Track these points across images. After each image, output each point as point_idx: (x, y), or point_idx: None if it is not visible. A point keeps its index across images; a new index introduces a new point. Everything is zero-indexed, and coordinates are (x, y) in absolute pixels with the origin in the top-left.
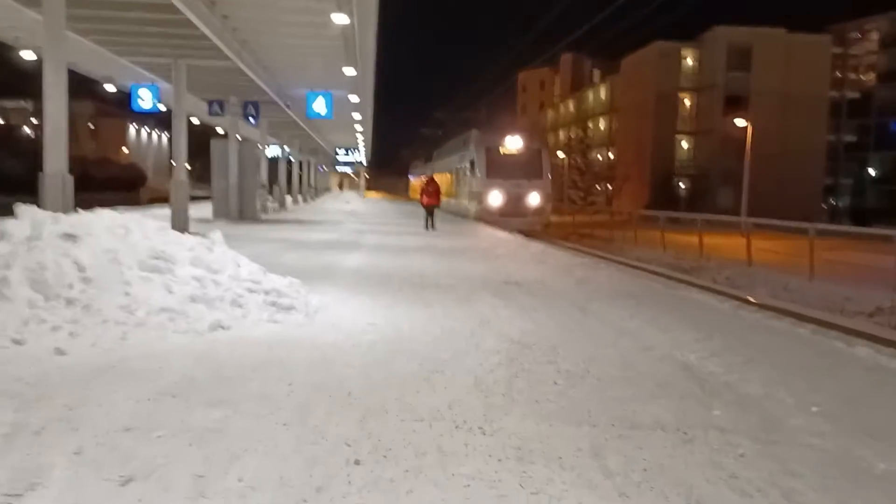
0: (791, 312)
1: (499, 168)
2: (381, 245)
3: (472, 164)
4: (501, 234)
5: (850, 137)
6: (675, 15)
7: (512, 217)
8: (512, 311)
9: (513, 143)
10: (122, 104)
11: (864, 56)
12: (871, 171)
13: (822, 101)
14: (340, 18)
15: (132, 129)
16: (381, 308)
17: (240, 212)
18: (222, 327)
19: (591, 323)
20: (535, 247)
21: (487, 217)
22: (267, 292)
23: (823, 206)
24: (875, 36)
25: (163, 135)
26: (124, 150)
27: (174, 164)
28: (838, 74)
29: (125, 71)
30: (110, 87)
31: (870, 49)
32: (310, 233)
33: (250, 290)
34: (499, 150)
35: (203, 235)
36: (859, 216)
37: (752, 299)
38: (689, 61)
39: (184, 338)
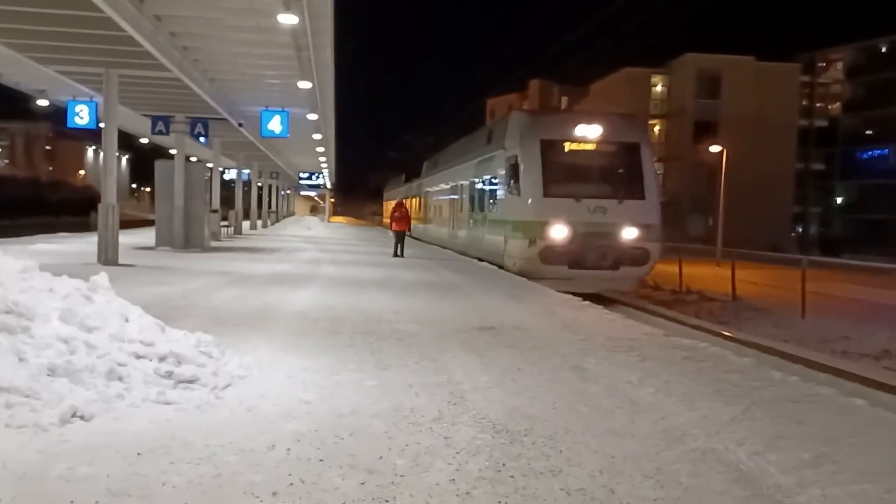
0: (824, 365)
1: (565, 178)
2: (338, 278)
3: (512, 171)
4: (486, 266)
5: (818, 165)
6: (645, 41)
7: (589, 270)
8: (491, 374)
9: (592, 133)
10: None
11: (831, 85)
12: (838, 200)
13: (790, 129)
14: (289, 19)
15: (90, 150)
16: (320, 375)
17: (185, 239)
18: (81, 417)
19: (594, 393)
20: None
21: (541, 269)
22: (161, 358)
23: (792, 234)
24: (840, 66)
25: (122, 157)
26: (81, 172)
27: (104, 184)
28: (806, 103)
29: (60, 85)
30: (43, 103)
31: (836, 78)
32: (259, 263)
33: (138, 356)
34: (563, 147)
35: (85, 279)
36: (828, 245)
37: (762, 342)
38: (659, 88)
39: (16, 438)
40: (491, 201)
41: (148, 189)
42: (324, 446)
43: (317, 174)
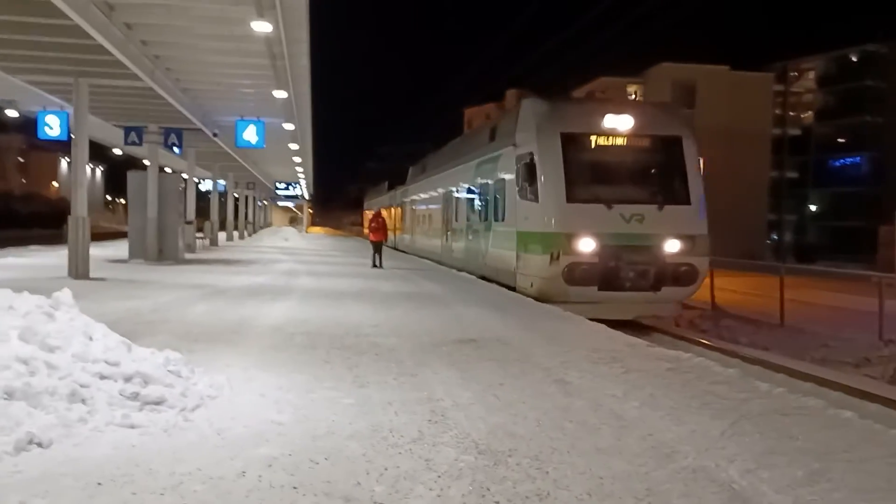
0: (808, 375)
1: (593, 180)
2: (315, 290)
3: (526, 172)
4: (465, 277)
5: (792, 174)
6: (621, 51)
7: (624, 291)
8: (473, 390)
9: (624, 125)
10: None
11: (804, 94)
12: (812, 208)
13: (764, 138)
14: (262, 27)
15: (64, 162)
16: (295, 393)
17: (159, 251)
18: (39, 444)
19: (579, 408)
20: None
21: (564, 291)
22: (127, 378)
23: (767, 241)
24: (812, 75)
25: (97, 168)
26: (54, 184)
27: (74, 196)
28: (779, 112)
29: (30, 95)
30: (13, 114)
31: (808, 87)
32: (234, 276)
33: (102, 376)
34: (590, 142)
35: (48, 295)
36: (803, 253)
37: (744, 352)
38: (634, 97)
39: None
40: (497, 209)
41: (123, 201)
42: (297, 472)
43: (294, 184)
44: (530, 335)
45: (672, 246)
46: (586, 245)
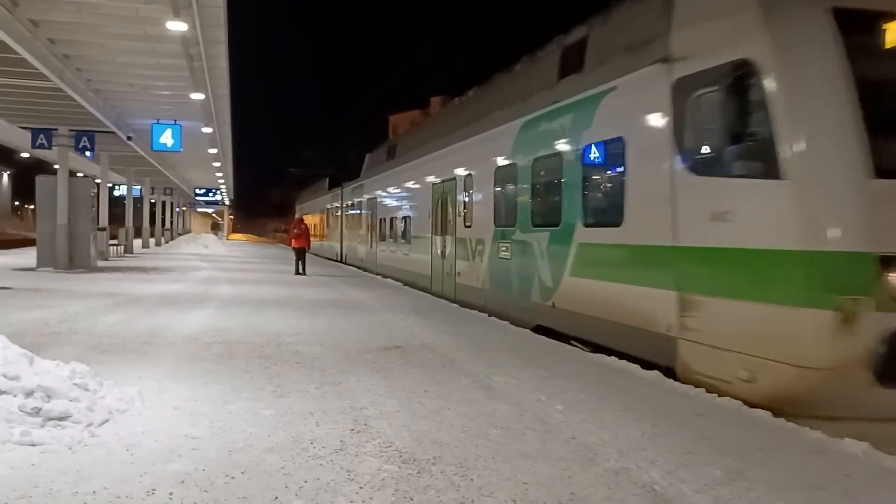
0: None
1: None
2: (235, 298)
3: (732, 106)
4: (391, 282)
5: None
6: None
7: None
8: (397, 398)
9: None
10: None
11: None
12: None
13: None
14: (178, 26)
15: None
16: (211, 405)
17: (70, 259)
18: None
19: (504, 413)
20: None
21: (863, 395)
22: (28, 393)
23: None
24: None
25: (4, 172)
26: None
27: None
28: None
29: None
30: None
31: None
32: (150, 284)
33: (0, 392)
34: None
35: None
36: None
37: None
38: None
39: None
40: (594, 200)
41: (32, 206)
42: (212, 488)
43: (214, 190)
44: (456, 340)
45: None
46: None
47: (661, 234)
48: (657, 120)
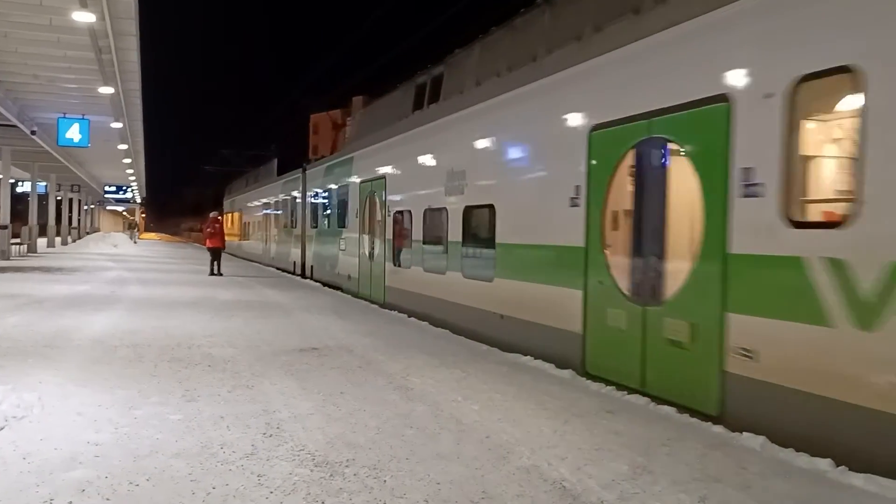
0: None
1: None
2: (145, 299)
3: None
4: (311, 284)
5: None
6: None
7: None
8: (312, 400)
9: None
10: None
11: None
12: None
13: None
14: (85, 17)
15: None
16: (116, 410)
17: None
18: None
19: (420, 414)
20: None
21: None
22: None
23: None
24: None
25: None
26: None
27: None
28: None
29: None
30: None
31: None
32: (54, 284)
33: None
34: None
35: None
36: None
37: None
38: None
39: None
40: None
41: None
42: (114, 496)
43: (125, 188)
44: (373, 341)
45: None
46: None
47: None
48: None
